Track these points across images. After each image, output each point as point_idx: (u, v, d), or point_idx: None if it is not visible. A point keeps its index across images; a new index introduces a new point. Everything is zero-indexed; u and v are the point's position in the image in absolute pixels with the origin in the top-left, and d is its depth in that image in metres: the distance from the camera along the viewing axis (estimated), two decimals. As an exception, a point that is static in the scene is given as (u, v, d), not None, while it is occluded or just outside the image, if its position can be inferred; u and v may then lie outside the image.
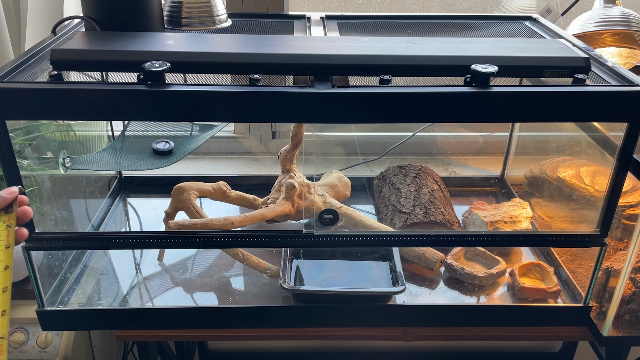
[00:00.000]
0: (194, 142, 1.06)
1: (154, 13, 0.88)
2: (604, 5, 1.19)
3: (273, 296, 0.99)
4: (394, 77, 0.77)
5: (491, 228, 1.06)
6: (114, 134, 1.20)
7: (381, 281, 1.01)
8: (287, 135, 1.42)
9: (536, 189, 1.23)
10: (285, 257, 1.03)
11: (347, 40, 0.88)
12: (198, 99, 0.73)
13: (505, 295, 1.02)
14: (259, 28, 1.03)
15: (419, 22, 1.08)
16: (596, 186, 1.04)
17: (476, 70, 0.75)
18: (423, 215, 1.05)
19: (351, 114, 0.76)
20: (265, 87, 0.74)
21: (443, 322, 1.00)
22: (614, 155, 0.83)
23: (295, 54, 0.79)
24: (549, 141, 1.33)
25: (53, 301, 0.96)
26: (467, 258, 1.08)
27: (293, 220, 1.08)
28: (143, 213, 1.21)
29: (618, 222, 0.99)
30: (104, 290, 1.01)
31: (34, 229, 0.84)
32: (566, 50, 0.83)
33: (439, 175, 1.21)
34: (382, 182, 1.19)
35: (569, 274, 1.03)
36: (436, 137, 1.41)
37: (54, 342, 1.09)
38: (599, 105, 0.76)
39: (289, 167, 1.08)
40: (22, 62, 0.79)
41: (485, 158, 1.39)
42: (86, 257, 1.07)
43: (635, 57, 1.18)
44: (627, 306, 0.95)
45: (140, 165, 1.02)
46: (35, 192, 0.96)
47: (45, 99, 0.72)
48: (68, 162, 0.95)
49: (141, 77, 0.74)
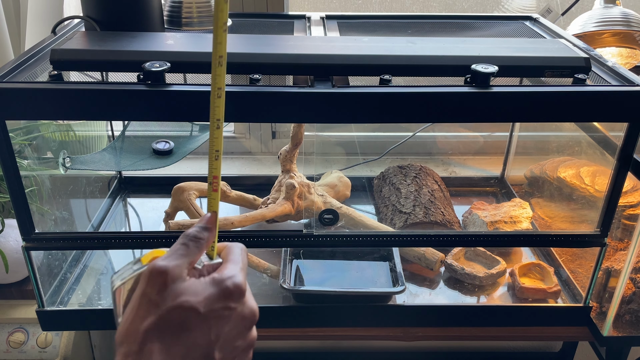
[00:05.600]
0: (194, 142, 1.06)
1: (154, 13, 0.88)
2: (604, 5, 1.18)
3: (273, 296, 0.99)
4: (394, 77, 0.77)
5: (491, 228, 1.06)
6: (114, 134, 1.20)
7: (381, 281, 1.01)
8: (287, 135, 1.42)
9: (536, 189, 1.23)
10: (285, 257, 1.03)
11: (347, 40, 0.88)
12: (198, 99, 0.73)
13: (505, 296, 1.01)
14: (259, 28, 1.03)
15: (419, 22, 1.08)
16: (596, 186, 1.04)
17: (476, 70, 0.75)
18: (423, 215, 1.05)
19: (351, 114, 0.76)
20: (265, 87, 0.74)
21: (443, 322, 0.99)
22: (614, 155, 0.83)
23: (295, 54, 0.79)
24: (549, 141, 1.33)
25: (53, 301, 0.96)
26: (467, 258, 1.08)
27: (293, 220, 1.08)
28: (143, 213, 1.21)
29: (618, 222, 0.99)
30: (104, 290, 1.01)
31: (34, 229, 0.84)
32: (566, 50, 0.83)
33: (439, 175, 1.21)
34: (382, 182, 1.19)
35: (569, 274, 1.03)
36: (436, 137, 1.41)
37: (54, 342, 1.09)
38: (599, 105, 0.76)
39: (289, 167, 1.08)
40: (22, 62, 0.79)
41: (485, 158, 1.39)
42: (86, 257, 1.07)
43: (635, 57, 1.18)
44: (627, 306, 0.95)
45: (140, 165, 1.02)
46: (35, 192, 0.96)
47: (45, 99, 0.72)
48: (68, 162, 0.95)
49: (141, 77, 0.74)
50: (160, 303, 0.39)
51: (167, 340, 0.39)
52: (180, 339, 0.39)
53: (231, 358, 0.42)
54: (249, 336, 0.44)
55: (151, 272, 0.40)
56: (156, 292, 0.40)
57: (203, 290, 0.41)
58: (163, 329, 0.39)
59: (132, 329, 0.39)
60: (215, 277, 0.42)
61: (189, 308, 0.39)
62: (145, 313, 0.39)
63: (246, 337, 0.44)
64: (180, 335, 0.39)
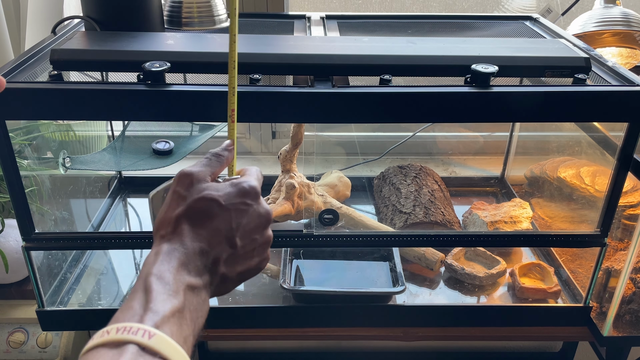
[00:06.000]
0: (194, 142, 1.06)
1: (154, 13, 0.88)
2: (605, 5, 1.18)
3: (273, 296, 0.99)
4: (394, 77, 0.77)
5: (491, 228, 1.06)
6: (113, 134, 1.20)
7: (381, 281, 1.01)
8: (287, 135, 1.42)
9: (536, 189, 1.23)
10: (285, 257, 1.03)
11: (347, 40, 0.88)
12: (198, 99, 0.73)
13: (505, 296, 1.01)
14: (259, 28, 1.03)
15: (419, 22, 1.08)
16: (596, 186, 1.04)
17: (476, 70, 0.75)
18: (423, 215, 1.05)
19: (351, 114, 0.76)
20: (265, 87, 0.74)
21: (443, 322, 0.99)
22: (614, 155, 0.83)
23: (296, 54, 0.79)
24: (549, 141, 1.32)
25: (53, 301, 0.96)
26: (467, 258, 1.08)
27: (293, 220, 1.08)
28: (143, 213, 1.21)
29: (618, 222, 0.99)
30: (104, 290, 1.01)
31: (34, 229, 0.84)
32: (566, 50, 0.83)
33: (439, 175, 1.21)
34: (382, 182, 1.19)
35: (569, 274, 1.03)
36: (436, 137, 1.40)
37: (53, 342, 1.09)
38: (599, 105, 0.76)
39: (289, 167, 1.08)
40: (22, 62, 0.79)
41: (485, 158, 1.39)
42: (86, 257, 1.07)
43: (635, 57, 1.18)
44: (627, 306, 0.95)
45: (140, 165, 1.02)
46: (35, 192, 0.96)
47: (45, 99, 0.72)
48: (68, 162, 0.95)
49: (141, 77, 0.74)
50: (187, 196, 0.48)
51: (195, 222, 0.47)
52: (205, 223, 0.47)
53: (251, 248, 0.50)
54: (265, 233, 0.51)
55: (180, 175, 0.49)
56: (184, 189, 0.48)
57: (223, 189, 0.49)
58: (191, 214, 0.47)
59: (167, 217, 0.48)
60: (233, 181, 0.50)
61: (212, 199, 0.48)
62: (176, 205, 0.48)
63: (263, 233, 0.51)
64: (205, 220, 0.47)
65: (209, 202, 0.47)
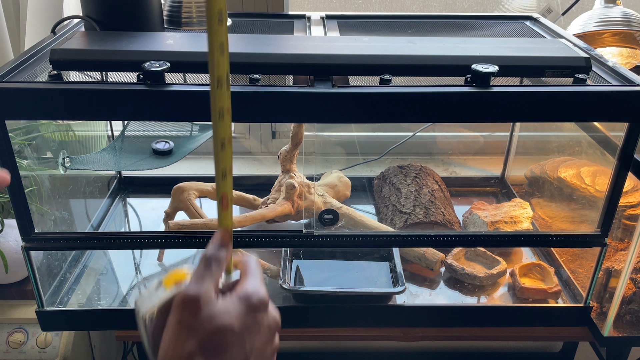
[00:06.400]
0: (194, 142, 1.06)
1: (153, 13, 0.88)
2: (605, 5, 1.18)
3: (273, 296, 0.99)
4: (394, 77, 0.77)
5: (491, 228, 1.06)
6: (113, 134, 1.20)
7: (381, 281, 1.01)
8: (287, 135, 1.42)
9: (537, 189, 1.23)
10: (285, 257, 1.02)
11: (347, 40, 0.88)
12: (198, 99, 0.72)
13: (505, 296, 1.01)
14: (259, 28, 1.03)
15: (419, 22, 1.07)
16: (597, 186, 1.04)
17: (476, 70, 0.75)
18: (423, 216, 1.05)
19: (351, 114, 0.76)
20: (265, 87, 0.74)
21: (443, 322, 0.99)
22: (614, 155, 0.83)
23: (295, 53, 0.79)
24: (549, 141, 1.32)
25: (53, 301, 0.96)
26: (467, 258, 1.08)
27: (293, 220, 1.08)
28: (143, 213, 1.21)
29: (619, 222, 0.99)
30: (104, 290, 1.01)
31: (34, 229, 0.84)
32: (567, 50, 0.83)
33: (439, 175, 1.21)
34: (382, 182, 1.19)
35: (570, 274, 1.03)
36: (436, 137, 1.40)
37: (53, 342, 1.08)
38: (599, 105, 0.76)
39: (289, 167, 1.08)
40: (22, 62, 0.79)
41: (485, 158, 1.39)
42: (86, 257, 1.07)
43: (635, 57, 1.18)
44: (627, 306, 0.95)
45: (140, 165, 1.02)
46: (34, 192, 0.96)
47: (44, 99, 0.72)
48: (68, 162, 0.95)
49: (141, 77, 0.74)
50: (198, 327, 0.42)
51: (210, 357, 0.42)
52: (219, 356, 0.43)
53: None
54: (274, 342, 0.48)
55: (184, 300, 0.43)
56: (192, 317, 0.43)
57: (234, 309, 0.44)
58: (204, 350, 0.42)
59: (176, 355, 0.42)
60: (241, 295, 0.45)
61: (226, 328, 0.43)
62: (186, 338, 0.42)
63: (272, 343, 0.47)
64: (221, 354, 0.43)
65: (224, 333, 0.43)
